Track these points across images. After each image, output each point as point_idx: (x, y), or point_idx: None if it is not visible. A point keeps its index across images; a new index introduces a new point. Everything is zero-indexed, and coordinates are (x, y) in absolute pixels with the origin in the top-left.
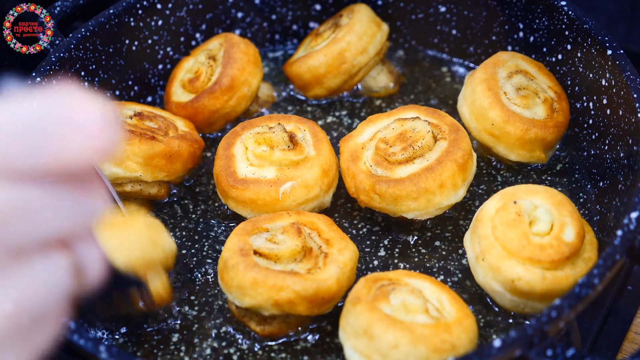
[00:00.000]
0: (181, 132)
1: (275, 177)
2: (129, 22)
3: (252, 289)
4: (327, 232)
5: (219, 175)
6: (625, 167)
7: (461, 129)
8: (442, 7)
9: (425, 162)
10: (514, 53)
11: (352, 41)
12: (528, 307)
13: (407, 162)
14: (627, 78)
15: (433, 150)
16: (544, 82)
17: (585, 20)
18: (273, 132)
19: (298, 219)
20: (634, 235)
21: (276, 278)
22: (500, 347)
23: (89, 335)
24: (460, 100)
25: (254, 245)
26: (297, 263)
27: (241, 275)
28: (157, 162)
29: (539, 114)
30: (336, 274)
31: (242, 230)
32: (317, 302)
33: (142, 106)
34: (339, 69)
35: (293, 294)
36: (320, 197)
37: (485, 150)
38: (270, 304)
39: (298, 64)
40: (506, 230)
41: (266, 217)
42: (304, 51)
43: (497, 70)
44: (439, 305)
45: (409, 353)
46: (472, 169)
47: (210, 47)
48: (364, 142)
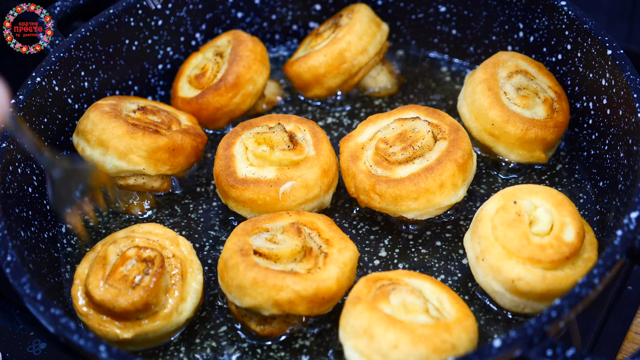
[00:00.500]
0: (184, 127)
1: (275, 177)
2: (129, 22)
3: (252, 289)
4: (327, 232)
5: (219, 175)
6: (625, 167)
7: (461, 128)
8: (442, 7)
9: (425, 162)
10: (514, 53)
11: (352, 41)
12: (528, 307)
13: (407, 162)
14: (627, 78)
15: (433, 150)
16: (544, 82)
17: (585, 20)
18: (273, 132)
19: (298, 219)
20: (634, 235)
21: (276, 278)
22: (500, 347)
23: (89, 335)
24: (460, 101)
25: (254, 245)
26: (297, 263)
27: (241, 275)
28: (161, 156)
29: (539, 114)
30: (336, 274)
31: (242, 231)
32: (317, 302)
33: (146, 100)
34: (339, 69)
35: (293, 293)
36: (320, 197)
37: (486, 150)
38: (270, 304)
39: (298, 63)
40: (506, 230)
41: (266, 217)
42: (304, 51)
43: (497, 70)
44: (439, 305)
45: (409, 353)
46: (472, 169)
47: (219, 43)
48: (363, 142)
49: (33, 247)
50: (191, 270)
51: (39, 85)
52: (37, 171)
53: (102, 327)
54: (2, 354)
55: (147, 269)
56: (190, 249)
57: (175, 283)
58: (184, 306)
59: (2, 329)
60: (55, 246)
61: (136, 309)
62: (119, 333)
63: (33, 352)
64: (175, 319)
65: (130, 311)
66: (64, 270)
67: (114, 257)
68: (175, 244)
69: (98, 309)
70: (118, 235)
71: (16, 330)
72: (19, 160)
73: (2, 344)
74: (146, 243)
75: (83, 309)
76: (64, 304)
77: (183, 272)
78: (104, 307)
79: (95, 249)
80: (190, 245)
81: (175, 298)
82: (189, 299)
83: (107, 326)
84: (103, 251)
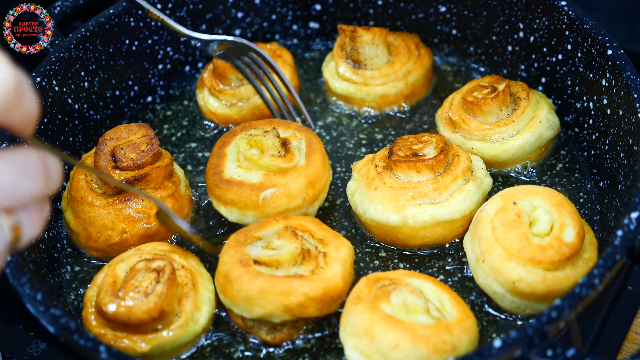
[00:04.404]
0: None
1: (259, 182)
2: (129, 22)
3: (260, 298)
4: (319, 232)
5: (207, 172)
6: (625, 167)
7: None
8: (442, 7)
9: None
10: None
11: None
12: (529, 308)
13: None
14: (627, 78)
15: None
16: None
17: (586, 20)
18: (265, 136)
19: (286, 223)
20: (634, 235)
21: (283, 283)
22: (501, 347)
23: (89, 335)
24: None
25: (252, 255)
26: (298, 266)
27: (247, 286)
28: None
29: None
30: (340, 271)
31: (236, 242)
32: (327, 301)
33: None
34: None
35: (302, 296)
36: (304, 208)
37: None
38: (281, 310)
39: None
40: (506, 232)
41: (255, 225)
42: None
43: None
44: (440, 305)
45: (410, 353)
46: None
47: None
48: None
49: (33, 247)
50: (202, 280)
51: (39, 85)
52: None
53: (120, 343)
54: (2, 354)
55: (158, 277)
56: (198, 262)
57: (187, 292)
58: (199, 314)
59: (2, 329)
60: (55, 246)
61: (152, 318)
62: (136, 346)
63: (33, 352)
64: (192, 328)
65: (146, 320)
66: (64, 270)
67: (123, 273)
68: (183, 257)
69: (113, 325)
70: (124, 255)
71: (16, 330)
72: None
73: (2, 344)
74: (154, 256)
75: (97, 330)
76: (64, 304)
77: (194, 282)
78: (119, 321)
79: (103, 271)
80: (198, 259)
81: (190, 307)
82: (204, 307)
83: (124, 341)
84: (111, 270)
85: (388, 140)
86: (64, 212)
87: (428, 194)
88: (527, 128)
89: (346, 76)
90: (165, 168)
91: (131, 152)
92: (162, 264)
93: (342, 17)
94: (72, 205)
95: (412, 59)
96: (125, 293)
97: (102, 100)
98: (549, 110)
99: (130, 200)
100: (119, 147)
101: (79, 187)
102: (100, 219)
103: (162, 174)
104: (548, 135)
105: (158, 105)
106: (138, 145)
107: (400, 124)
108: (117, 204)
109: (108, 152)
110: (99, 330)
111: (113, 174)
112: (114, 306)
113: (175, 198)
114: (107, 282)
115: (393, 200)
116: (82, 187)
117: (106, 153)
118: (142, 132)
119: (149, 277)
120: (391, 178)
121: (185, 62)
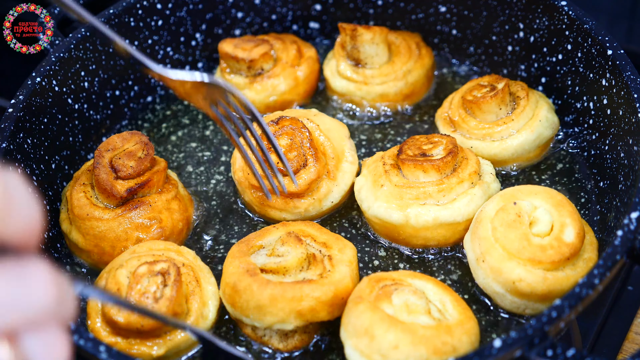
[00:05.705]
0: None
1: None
2: (129, 22)
3: (272, 305)
4: (320, 236)
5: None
6: (625, 167)
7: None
8: (442, 7)
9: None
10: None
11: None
12: (529, 308)
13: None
14: (628, 78)
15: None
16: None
17: (586, 20)
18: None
19: (287, 229)
20: (634, 235)
21: (294, 289)
22: (501, 347)
23: (89, 335)
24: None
25: (258, 264)
26: (305, 271)
27: (257, 295)
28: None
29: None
30: (348, 273)
31: (239, 252)
32: (337, 303)
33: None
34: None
35: (314, 301)
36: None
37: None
38: (293, 316)
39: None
40: (506, 232)
41: (255, 234)
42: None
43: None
44: (441, 306)
45: (409, 354)
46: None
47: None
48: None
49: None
50: (203, 274)
51: (39, 85)
52: (37, 171)
53: (133, 351)
54: None
55: (164, 280)
56: (195, 256)
57: (193, 290)
58: (207, 311)
59: None
60: (55, 246)
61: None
62: (152, 351)
63: None
64: (203, 325)
65: (159, 326)
66: (64, 270)
67: (125, 279)
68: (180, 254)
69: (124, 333)
70: (121, 259)
71: None
72: (18, 160)
73: None
74: (154, 257)
75: (109, 339)
76: None
77: (197, 278)
78: (131, 329)
79: (102, 278)
80: (193, 252)
81: (198, 304)
82: (210, 302)
83: (138, 348)
84: (112, 277)
85: (387, 140)
86: (68, 235)
87: (433, 195)
88: (527, 127)
89: (347, 74)
90: (164, 171)
91: (129, 160)
92: (165, 266)
93: (342, 17)
94: (77, 225)
95: (412, 58)
96: (133, 301)
97: (102, 100)
98: (549, 110)
99: (138, 207)
100: (116, 157)
101: (81, 204)
102: (112, 232)
103: (162, 177)
104: (547, 135)
105: (158, 105)
106: (134, 152)
107: (400, 124)
108: (126, 214)
109: (107, 164)
110: (111, 339)
111: (116, 184)
112: (125, 315)
113: (179, 199)
114: (110, 290)
115: (397, 199)
116: (84, 204)
117: (105, 165)
118: (135, 139)
119: (154, 281)
120: (398, 176)
121: (185, 62)
